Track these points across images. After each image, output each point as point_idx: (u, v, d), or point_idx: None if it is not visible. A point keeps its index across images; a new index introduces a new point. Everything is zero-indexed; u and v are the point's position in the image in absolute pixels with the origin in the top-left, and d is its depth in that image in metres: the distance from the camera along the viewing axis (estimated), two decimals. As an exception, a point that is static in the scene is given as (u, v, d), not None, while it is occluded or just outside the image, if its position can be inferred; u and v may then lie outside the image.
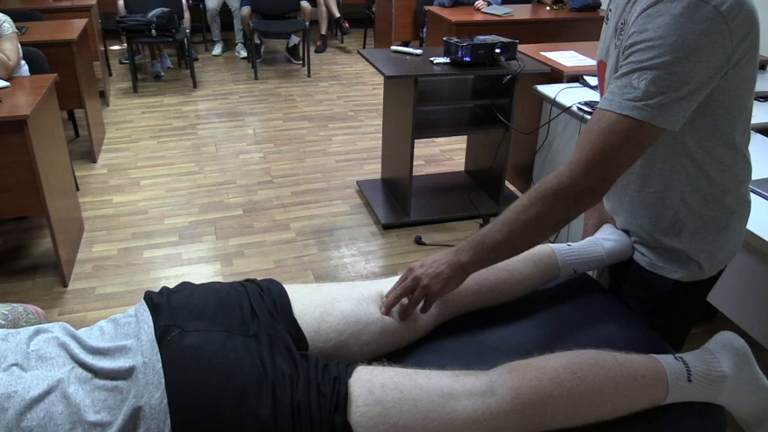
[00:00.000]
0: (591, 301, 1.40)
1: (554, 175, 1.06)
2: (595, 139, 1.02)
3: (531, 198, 1.07)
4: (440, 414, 0.99)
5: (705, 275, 1.25)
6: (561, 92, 2.69)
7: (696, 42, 0.95)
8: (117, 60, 5.84)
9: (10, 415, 0.87)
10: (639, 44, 0.99)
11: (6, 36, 2.74)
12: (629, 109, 0.99)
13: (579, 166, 1.03)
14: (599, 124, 1.02)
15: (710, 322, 2.33)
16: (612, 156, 1.01)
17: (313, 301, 1.16)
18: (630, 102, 0.99)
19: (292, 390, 0.98)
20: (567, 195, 1.04)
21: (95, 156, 3.77)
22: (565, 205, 1.05)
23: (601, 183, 1.04)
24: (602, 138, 1.01)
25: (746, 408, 1.16)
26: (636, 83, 0.99)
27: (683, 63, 0.96)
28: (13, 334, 0.99)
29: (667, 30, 0.96)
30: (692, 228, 1.20)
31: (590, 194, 1.05)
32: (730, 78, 1.03)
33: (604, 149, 1.01)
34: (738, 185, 1.19)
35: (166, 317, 1.03)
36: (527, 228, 1.08)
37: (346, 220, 3.17)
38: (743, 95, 1.08)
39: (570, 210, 1.06)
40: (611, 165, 1.02)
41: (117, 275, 2.66)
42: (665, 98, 0.98)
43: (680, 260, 1.24)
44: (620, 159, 1.02)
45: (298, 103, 4.86)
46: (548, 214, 1.06)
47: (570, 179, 1.03)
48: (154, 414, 0.91)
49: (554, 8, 4.98)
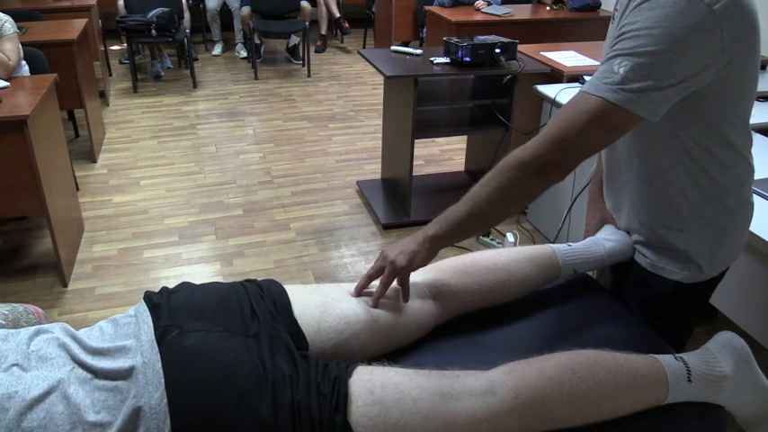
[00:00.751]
0: (591, 301, 1.40)
1: (519, 149, 1.06)
2: (565, 116, 1.03)
3: (495, 170, 1.07)
4: (440, 414, 0.99)
5: (706, 277, 1.24)
6: (561, 92, 2.69)
7: (683, 36, 0.95)
8: (117, 60, 5.84)
9: (10, 415, 0.87)
10: (628, 33, 1.00)
11: (7, 36, 2.74)
12: (605, 91, 0.99)
13: (545, 140, 1.03)
14: (572, 104, 1.03)
15: (710, 322, 2.33)
16: (579, 133, 1.01)
17: (313, 301, 1.16)
18: (608, 85, 0.99)
19: (292, 390, 0.98)
20: (530, 168, 1.04)
21: (95, 156, 3.77)
22: (527, 178, 1.05)
23: (564, 158, 1.03)
24: (571, 116, 1.02)
25: (746, 408, 1.16)
26: (616, 68, 0.99)
27: (666, 55, 0.96)
28: (13, 334, 1.00)
29: (657, 21, 0.96)
30: (693, 226, 1.20)
31: (552, 169, 1.04)
32: (723, 79, 1.02)
33: (571, 126, 1.01)
34: (740, 186, 1.18)
35: (166, 317, 1.03)
36: (489, 200, 1.08)
37: (346, 220, 3.17)
38: (740, 96, 1.08)
39: (532, 183, 1.06)
40: (577, 142, 1.02)
41: (117, 275, 2.66)
42: (643, 86, 0.97)
43: (680, 261, 1.23)
44: (587, 139, 1.02)
45: (298, 103, 4.86)
46: (510, 186, 1.06)
47: (534, 152, 1.04)
48: (154, 414, 0.91)
49: (554, 8, 4.98)
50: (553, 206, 2.88)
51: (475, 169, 3.50)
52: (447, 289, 1.27)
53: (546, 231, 3.00)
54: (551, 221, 2.92)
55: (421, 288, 1.26)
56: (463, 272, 1.30)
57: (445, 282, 1.28)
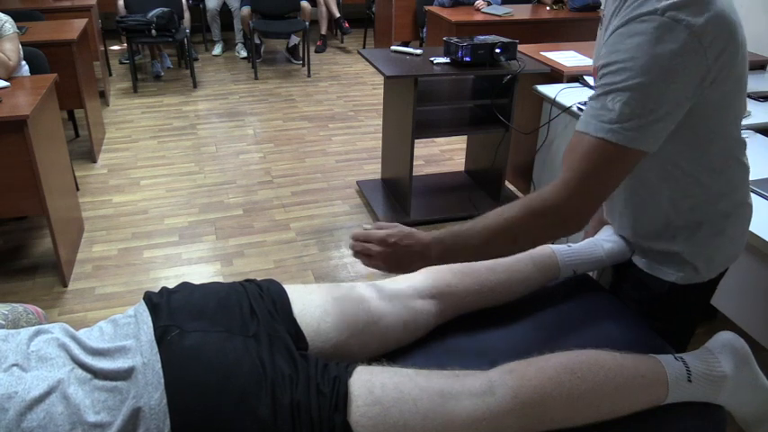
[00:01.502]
0: (591, 301, 1.40)
1: (541, 196, 1.04)
2: (578, 163, 1.01)
3: (517, 215, 1.05)
4: (439, 414, 0.99)
5: (703, 278, 1.24)
6: (561, 92, 2.69)
7: (669, 63, 0.94)
8: (117, 60, 5.84)
9: (10, 416, 0.87)
10: (612, 65, 0.98)
11: (7, 36, 2.74)
12: (605, 132, 0.98)
13: (566, 190, 1.01)
14: (580, 148, 1.01)
15: (710, 322, 2.33)
16: (597, 180, 1.01)
17: (313, 301, 1.16)
18: (606, 124, 0.98)
19: (292, 390, 0.98)
20: (555, 218, 1.03)
21: (95, 156, 3.77)
22: (551, 226, 1.05)
23: (587, 207, 1.03)
24: (584, 162, 1.00)
25: (746, 408, 1.16)
26: (611, 105, 0.97)
27: (656, 84, 0.95)
28: (13, 335, 1.00)
29: (639, 50, 0.95)
30: (685, 231, 1.20)
31: (577, 218, 1.04)
32: (707, 96, 1.01)
33: (589, 174, 1.00)
34: (733, 190, 1.18)
35: (166, 317, 1.03)
36: (506, 241, 1.07)
37: (346, 220, 3.17)
38: (726, 108, 1.06)
39: (556, 231, 1.06)
40: (597, 189, 1.01)
41: (117, 275, 2.66)
42: (641, 120, 0.96)
43: (675, 262, 1.23)
44: (605, 183, 1.01)
45: (298, 103, 4.86)
46: (531, 233, 1.06)
47: (557, 202, 1.02)
48: (153, 414, 0.91)
49: (554, 8, 4.98)
50: (553, 206, 2.88)
51: (475, 169, 3.50)
52: (447, 289, 1.27)
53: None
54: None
55: (421, 288, 1.26)
56: (463, 272, 1.30)
57: (445, 282, 1.28)
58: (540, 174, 2.98)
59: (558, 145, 2.76)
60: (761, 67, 3.18)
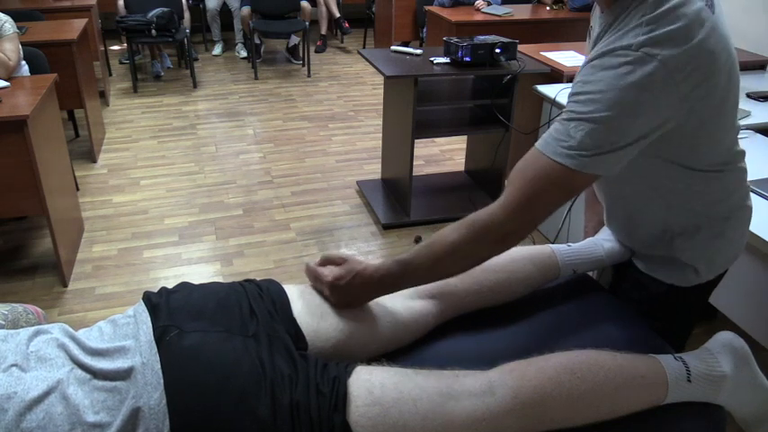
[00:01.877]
0: (591, 301, 1.40)
1: (485, 213, 1.06)
2: (528, 182, 1.02)
3: (461, 234, 1.08)
4: (439, 414, 0.98)
5: (702, 280, 1.24)
6: (561, 92, 2.69)
7: (635, 98, 0.93)
8: (117, 60, 5.84)
9: (9, 416, 0.87)
10: (582, 95, 0.98)
11: (7, 36, 2.74)
12: (563, 157, 0.98)
13: (509, 209, 1.03)
14: (533, 167, 1.02)
15: (710, 322, 2.33)
16: (542, 201, 1.02)
17: (313, 301, 1.16)
18: (565, 150, 0.98)
19: (291, 390, 0.98)
20: (495, 234, 1.05)
21: (95, 156, 3.77)
22: (492, 242, 1.07)
23: (528, 225, 1.05)
24: (533, 182, 1.01)
25: (746, 408, 1.16)
26: (573, 132, 0.97)
27: (620, 119, 0.95)
28: (12, 335, 1.00)
29: (608, 84, 0.94)
30: (683, 237, 1.20)
31: (515, 236, 1.06)
32: (685, 123, 1.00)
33: (535, 194, 1.01)
34: (730, 194, 1.17)
35: (165, 317, 1.03)
36: (452, 261, 1.10)
37: (346, 220, 3.17)
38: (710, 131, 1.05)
39: (495, 248, 1.08)
40: (540, 209, 1.03)
41: (117, 275, 2.66)
42: (599, 150, 0.97)
43: (675, 265, 1.23)
44: (549, 204, 1.03)
45: (298, 103, 4.86)
46: (474, 250, 1.09)
47: (500, 219, 1.04)
48: (153, 414, 0.91)
49: (554, 8, 4.98)
50: (553, 206, 2.88)
51: (475, 169, 3.50)
52: (447, 289, 1.27)
53: (546, 231, 2.99)
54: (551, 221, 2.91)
55: (421, 288, 1.26)
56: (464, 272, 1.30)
57: (445, 282, 1.28)
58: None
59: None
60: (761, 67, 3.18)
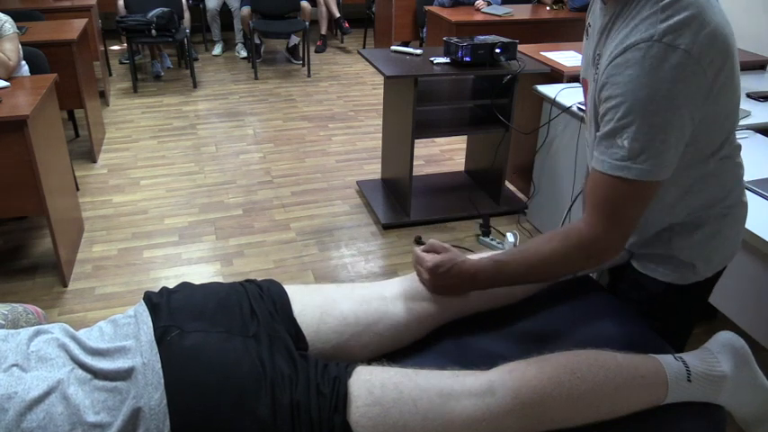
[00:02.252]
0: (591, 300, 1.40)
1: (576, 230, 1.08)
2: (601, 203, 1.04)
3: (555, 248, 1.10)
4: (439, 414, 0.99)
5: (700, 278, 1.24)
6: (561, 92, 2.69)
7: (670, 92, 0.93)
8: (117, 60, 5.84)
9: (10, 416, 0.87)
10: (614, 99, 0.98)
11: (7, 36, 2.74)
12: (620, 169, 0.99)
13: (595, 231, 1.05)
14: (600, 188, 1.04)
15: (710, 322, 2.33)
16: (622, 217, 1.04)
17: (313, 301, 1.16)
18: (619, 162, 0.99)
19: (292, 390, 0.98)
20: (588, 251, 1.08)
21: (95, 156, 3.77)
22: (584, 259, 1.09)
23: (618, 243, 1.07)
24: (607, 203, 1.03)
25: (746, 408, 1.16)
26: (620, 142, 0.98)
27: (660, 114, 0.95)
28: (13, 335, 1.00)
29: (639, 82, 0.94)
30: (681, 235, 1.20)
31: (608, 252, 1.08)
32: (707, 110, 1.01)
33: (613, 213, 1.03)
34: (728, 193, 1.18)
35: (166, 317, 1.03)
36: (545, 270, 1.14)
37: (346, 220, 3.17)
38: (724, 120, 1.07)
39: (590, 263, 1.12)
40: (623, 225, 1.05)
41: (117, 275, 2.66)
42: (651, 152, 0.97)
43: (672, 264, 1.24)
44: (629, 218, 1.04)
45: (298, 103, 4.86)
46: (567, 263, 1.11)
47: (590, 238, 1.06)
48: (153, 415, 0.91)
49: (554, 8, 4.98)
50: (553, 206, 2.88)
51: (475, 169, 3.50)
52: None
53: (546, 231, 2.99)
54: (551, 222, 2.92)
55: (421, 289, 1.26)
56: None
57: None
58: (539, 174, 2.98)
59: (558, 145, 2.76)
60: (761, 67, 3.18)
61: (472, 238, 3.00)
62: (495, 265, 1.15)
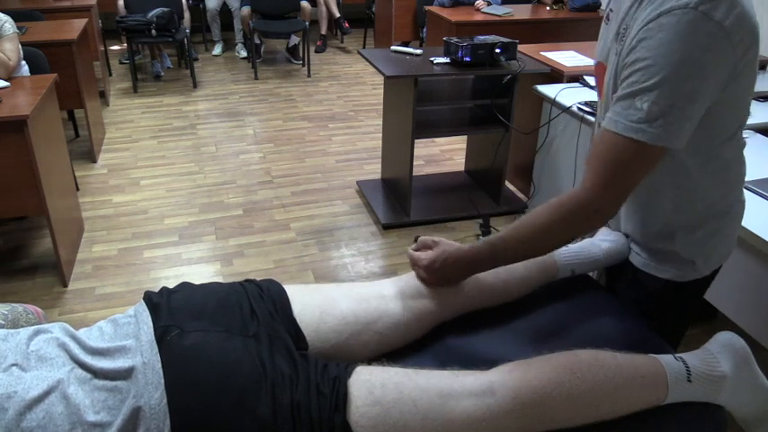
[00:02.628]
0: (590, 300, 1.40)
1: (572, 196, 1.08)
2: (605, 162, 1.04)
3: (551, 216, 1.09)
4: (439, 414, 0.99)
5: (699, 275, 1.25)
6: (561, 92, 2.69)
7: (700, 60, 0.93)
8: (117, 60, 5.84)
9: (10, 415, 0.87)
10: (642, 62, 0.98)
11: (7, 36, 2.74)
12: (635, 131, 0.99)
13: (593, 190, 1.05)
14: (607, 147, 1.03)
15: (710, 322, 2.33)
16: (623, 179, 1.03)
17: (313, 301, 1.16)
18: (635, 124, 0.99)
19: (292, 390, 0.98)
20: (586, 212, 1.07)
21: (95, 156, 3.77)
22: (582, 221, 1.08)
23: (612, 205, 1.06)
24: (611, 162, 1.03)
25: (746, 408, 1.16)
26: (639, 104, 0.98)
27: (687, 81, 0.95)
28: (12, 334, 1.00)
29: (670, 47, 0.94)
30: (683, 231, 1.21)
31: (603, 215, 1.08)
32: (730, 92, 1.01)
33: (615, 175, 1.03)
34: (731, 189, 1.19)
35: (166, 317, 1.03)
36: (542, 241, 1.13)
37: (346, 220, 3.17)
38: (740, 106, 1.08)
39: (587, 225, 1.10)
40: (623, 187, 1.04)
41: (117, 275, 2.66)
42: (669, 118, 0.97)
43: (673, 260, 1.24)
44: (630, 181, 1.04)
45: (298, 103, 4.86)
46: (564, 230, 1.10)
47: (588, 198, 1.05)
48: (153, 414, 0.91)
49: (554, 8, 4.98)
50: (553, 206, 2.88)
51: (475, 169, 3.50)
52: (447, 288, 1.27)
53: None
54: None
55: (421, 287, 1.26)
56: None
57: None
58: (539, 174, 2.98)
59: (558, 145, 2.76)
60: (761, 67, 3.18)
61: (472, 238, 3.00)
62: (490, 246, 1.16)
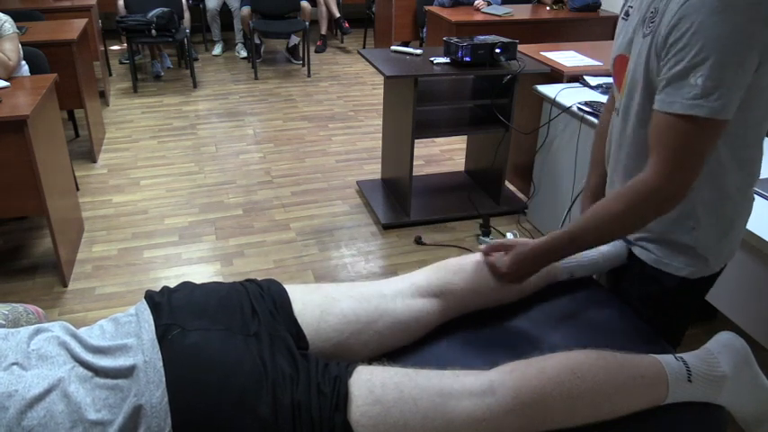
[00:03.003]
0: (591, 300, 1.40)
1: (642, 182, 1.08)
2: (668, 146, 1.04)
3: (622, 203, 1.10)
4: (440, 414, 0.99)
5: (711, 271, 1.25)
6: (561, 92, 2.69)
7: (746, 30, 0.95)
8: (117, 60, 5.84)
9: (11, 414, 0.87)
10: (687, 39, 0.99)
11: (7, 36, 2.74)
12: (693, 108, 1.00)
13: (664, 170, 1.05)
14: (667, 130, 1.04)
15: (710, 322, 2.33)
16: (689, 159, 1.04)
17: (313, 300, 1.16)
18: (692, 101, 0.99)
19: (293, 389, 0.98)
20: (659, 196, 1.07)
21: (95, 156, 3.77)
22: (656, 206, 1.09)
23: (683, 187, 1.06)
24: (674, 144, 1.03)
25: (747, 408, 1.16)
26: (693, 81, 0.99)
27: (736, 52, 0.96)
28: (13, 333, 1.00)
29: (715, 20, 0.95)
30: (704, 224, 1.21)
31: (673, 199, 1.08)
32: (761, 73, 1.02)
33: (681, 155, 1.03)
34: (749, 185, 1.20)
35: (167, 316, 1.03)
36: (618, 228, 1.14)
37: (346, 220, 3.17)
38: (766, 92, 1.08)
39: (657, 213, 1.11)
40: (690, 168, 1.05)
41: (117, 275, 2.66)
42: (723, 90, 0.98)
43: (688, 256, 1.24)
44: (697, 160, 1.04)
45: (298, 103, 4.86)
46: (638, 216, 1.11)
47: (659, 182, 1.06)
48: (154, 412, 0.92)
49: (554, 8, 4.99)
50: (553, 206, 2.88)
51: (475, 169, 3.50)
52: (449, 287, 1.27)
53: (546, 231, 2.99)
54: (551, 221, 2.92)
55: (421, 286, 1.26)
56: (465, 270, 1.30)
57: (447, 280, 1.28)
58: (539, 174, 2.98)
59: (558, 145, 2.77)
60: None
61: (472, 238, 3.00)
62: (570, 236, 1.17)
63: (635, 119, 1.18)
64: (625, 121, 1.22)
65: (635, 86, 1.15)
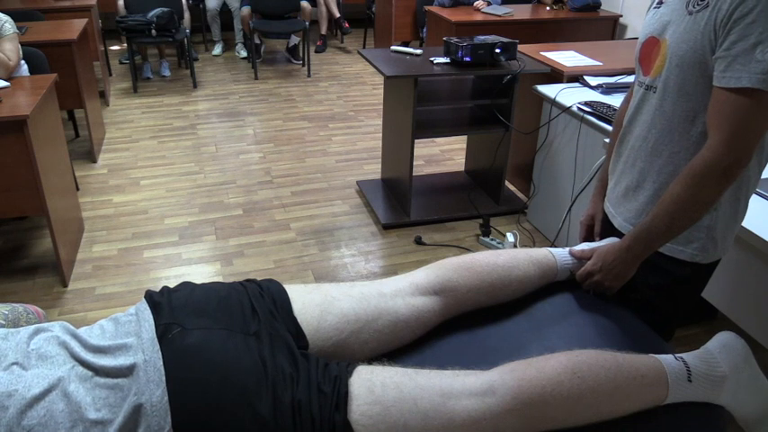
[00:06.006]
0: (591, 300, 1.40)
1: (700, 159, 1.11)
2: (732, 116, 1.07)
3: (683, 185, 1.13)
4: (440, 413, 0.99)
5: (719, 255, 1.28)
6: (561, 92, 2.69)
7: None
8: (117, 60, 5.84)
9: (11, 413, 0.87)
10: (755, 13, 1.02)
11: (7, 36, 2.74)
12: (761, 82, 1.03)
13: (722, 144, 1.08)
14: (729, 103, 1.07)
15: (710, 322, 2.33)
16: (751, 128, 1.07)
17: (313, 300, 1.16)
18: (761, 74, 1.02)
19: (293, 388, 0.98)
20: (716, 172, 1.09)
21: (95, 156, 3.77)
22: (715, 182, 1.11)
23: (744, 154, 1.09)
24: (738, 114, 1.06)
25: (747, 408, 1.16)
26: (760, 56, 1.02)
27: None
28: (13, 333, 1.00)
29: None
30: (724, 203, 1.23)
31: (736, 167, 1.10)
32: None
33: (742, 124, 1.06)
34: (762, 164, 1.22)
35: (167, 315, 1.03)
36: (685, 213, 1.16)
37: (346, 220, 3.17)
38: None
39: (721, 186, 1.12)
40: (751, 136, 1.07)
41: (117, 275, 2.66)
42: None
43: (701, 240, 1.26)
44: (758, 130, 1.07)
45: (298, 103, 4.86)
46: (701, 193, 1.13)
47: (716, 157, 1.09)
48: (155, 411, 0.92)
49: (554, 8, 4.99)
50: (553, 206, 2.88)
51: (475, 169, 3.50)
52: (449, 285, 1.27)
53: (546, 232, 3.00)
54: (551, 222, 2.92)
55: (421, 285, 1.26)
56: (464, 268, 1.30)
57: (447, 278, 1.28)
58: (539, 174, 2.98)
59: (558, 145, 2.77)
60: None
61: (472, 238, 3.00)
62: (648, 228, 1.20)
63: (676, 93, 1.20)
64: (663, 97, 1.23)
65: (677, 62, 1.17)
